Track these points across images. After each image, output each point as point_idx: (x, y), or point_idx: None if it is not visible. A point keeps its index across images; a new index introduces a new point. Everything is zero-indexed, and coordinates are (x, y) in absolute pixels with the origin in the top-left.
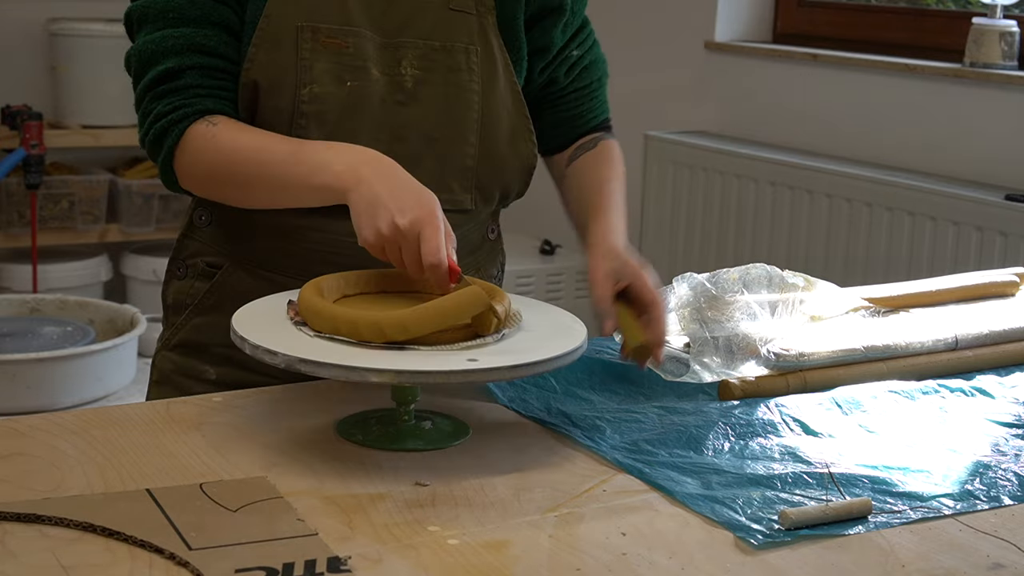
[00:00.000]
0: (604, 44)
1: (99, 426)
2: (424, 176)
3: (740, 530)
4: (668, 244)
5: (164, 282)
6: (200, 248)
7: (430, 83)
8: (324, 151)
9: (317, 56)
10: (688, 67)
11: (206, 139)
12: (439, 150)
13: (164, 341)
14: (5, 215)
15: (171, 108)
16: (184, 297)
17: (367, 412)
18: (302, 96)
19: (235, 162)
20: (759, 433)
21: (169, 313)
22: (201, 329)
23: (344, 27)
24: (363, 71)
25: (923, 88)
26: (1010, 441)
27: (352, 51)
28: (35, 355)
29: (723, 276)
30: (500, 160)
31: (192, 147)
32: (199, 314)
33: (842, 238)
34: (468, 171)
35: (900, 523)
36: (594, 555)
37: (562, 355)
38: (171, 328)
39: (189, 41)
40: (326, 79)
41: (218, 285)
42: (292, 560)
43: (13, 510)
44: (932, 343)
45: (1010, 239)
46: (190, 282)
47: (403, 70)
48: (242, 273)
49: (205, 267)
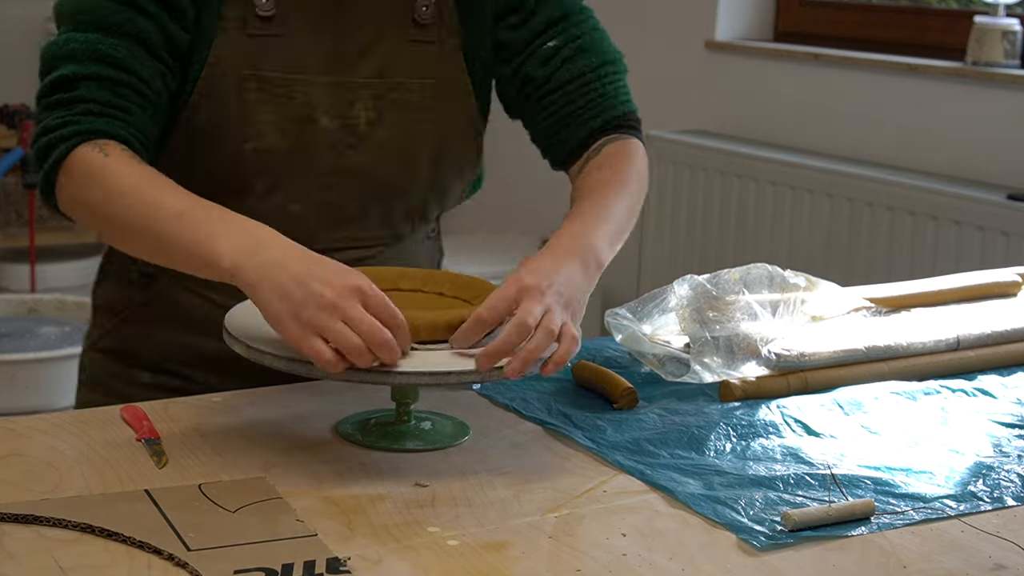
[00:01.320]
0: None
1: (97, 427)
2: (369, 220)
3: (743, 531)
4: (668, 244)
5: (96, 280)
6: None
7: (384, 124)
8: (217, 223)
9: (262, 107)
10: (689, 66)
11: (92, 169)
12: (388, 193)
13: (92, 341)
14: (3, 215)
15: (59, 123)
16: (114, 303)
17: (367, 413)
18: (244, 150)
19: (119, 206)
20: (761, 434)
21: (98, 313)
22: (132, 339)
23: (291, 75)
24: (309, 121)
25: (925, 87)
26: (1012, 442)
27: (300, 100)
28: (33, 355)
29: (724, 276)
30: (448, 190)
31: (77, 172)
32: (130, 324)
33: (843, 238)
34: (415, 208)
35: (902, 524)
36: (594, 556)
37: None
38: (99, 328)
39: (91, 48)
40: (270, 131)
41: (153, 299)
42: (291, 561)
43: (11, 511)
44: (934, 343)
45: (1012, 239)
46: (121, 288)
47: (356, 112)
48: (179, 288)
49: (139, 276)
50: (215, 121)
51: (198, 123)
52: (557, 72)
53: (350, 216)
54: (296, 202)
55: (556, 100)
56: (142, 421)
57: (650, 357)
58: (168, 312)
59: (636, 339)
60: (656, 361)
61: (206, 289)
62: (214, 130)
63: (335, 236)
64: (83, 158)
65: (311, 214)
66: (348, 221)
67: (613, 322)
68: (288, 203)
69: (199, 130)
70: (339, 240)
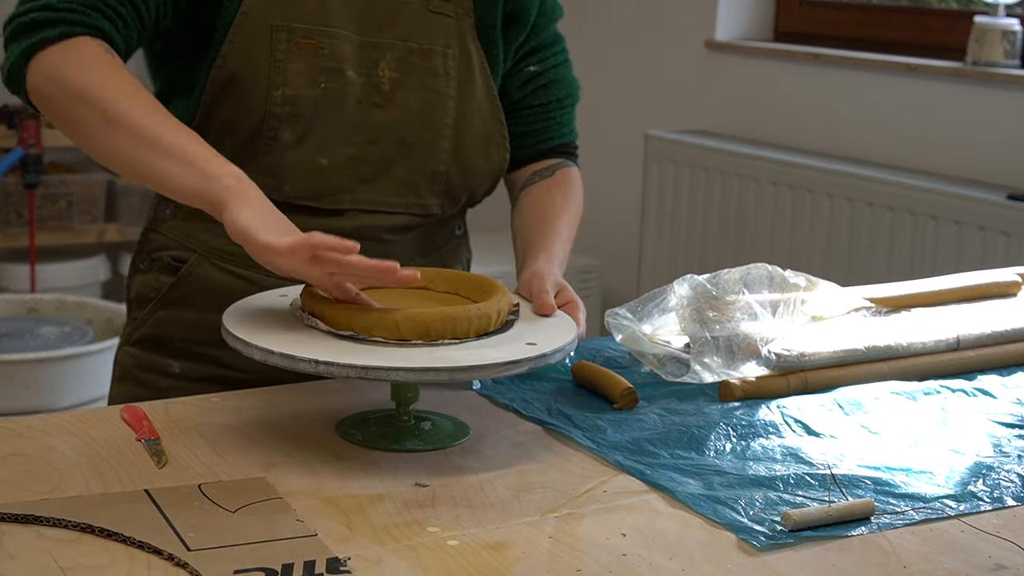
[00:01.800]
0: (604, 43)
1: (97, 426)
2: (393, 180)
3: (743, 531)
4: (668, 244)
5: (128, 276)
6: (165, 242)
7: (407, 86)
8: (219, 156)
9: (291, 56)
10: (689, 66)
11: (99, 58)
12: (411, 155)
13: (126, 336)
14: (3, 215)
15: (66, 6)
16: (147, 291)
17: (367, 412)
18: (274, 98)
19: (119, 99)
20: (761, 434)
21: (132, 308)
22: (164, 323)
23: (321, 27)
24: (338, 73)
25: (925, 87)
26: (1012, 442)
27: (327, 52)
28: (33, 355)
29: (724, 276)
30: (471, 166)
31: (78, 56)
32: (162, 308)
33: (843, 238)
34: (438, 176)
35: (902, 524)
36: (594, 556)
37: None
38: (133, 323)
39: None
40: (299, 81)
41: (183, 278)
42: (291, 561)
43: (11, 511)
44: (934, 343)
45: (1012, 239)
46: (154, 276)
47: (380, 72)
48: (208, 267)
49: (171, 261)
50: (246, 69)
51: (230, 71)
52: (530, 95)
53: (375, 174)
54: (324, 155)
55: (521, 117)
56: (142, 421)
57: (650, 357)
58: (199, 291)
59: (636, 339)
60: (656, 361)
61: (236, 265)
62: (245, 78)
63: (361, 196)
64: (89, 47)
65: (338, 169)
66: (373, 179)
67: (613, 322)
68: (317, 156)
69: (231, 78)
70: (365, 202)
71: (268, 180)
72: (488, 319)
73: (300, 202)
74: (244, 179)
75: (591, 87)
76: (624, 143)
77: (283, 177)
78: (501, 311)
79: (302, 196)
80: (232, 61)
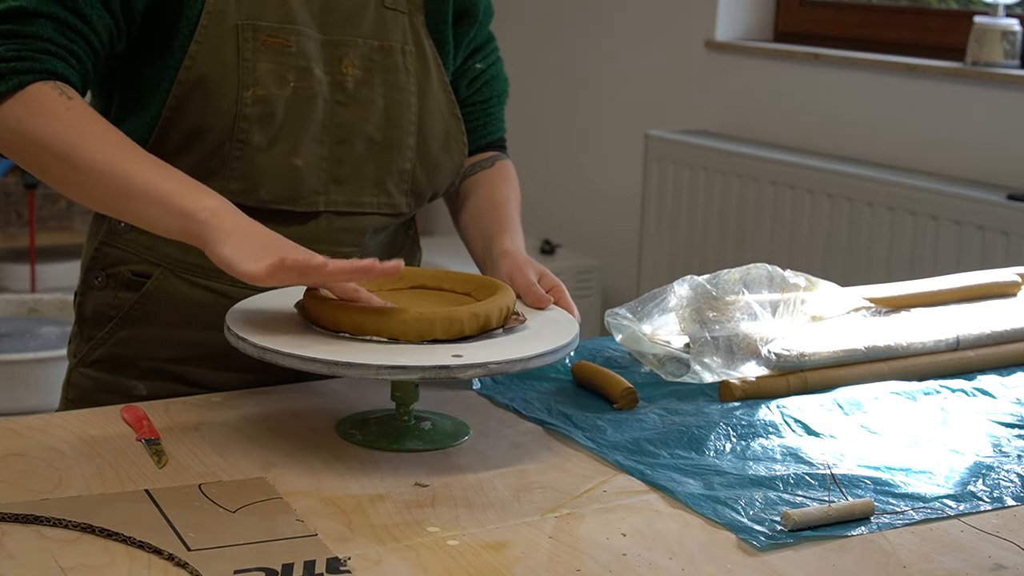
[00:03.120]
0: (604, 44)
1: (97, 426)
2: (364, 179)
3: (743, 531)
4: (668, 244)
5: (79, 293)
6: (123, 256)
7: (370, 84)
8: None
9: (260, 56)
10: (689, 66)
11: (54, 106)
12: (379, 153)
13: (80, 358)
14: (3, 215)
15: (15, 55)
16: (105, 309)
17: (367, 412)
18: (245, 99)
19: (83, 144)
20: (760, 434)
21: (86, 327)
22: (127, 342)
23: (286, 24)
24: (306, 71)
25: (925, 87)
26: (1012, 442)
27: (295, 50)
28: (33, 355)
29: (724, 276)
30: (435, 163)
31: (34, 106)
32: (125, 327)
33: (843, 238)
34: (405, 174)
35: (902, 524)
36: (594, 556)
37: (548, 352)
38: (89, 343)
39: None
40: (269, 80)
41: (148, 295)
42: (291, 561)
43: (11, 511)
44: (934, 343)
45: (1012, 239)
46: (112, 293)
47: (344, 69)
48: (175, 280)
49: (131, 276)
50: (216, 70)
51: (198, 73)
52: (475, 92)
53: (347, 175)
54: (298, 157)
55: (467, 114)
56: (142, 421)
57: (650, 357)
58: (165, 307)
59: (636, 339)
60: (656, 361)
61: (205, 278)
62: (214, 80)
63: (334, 198)
64: (43, 93)
65: (312, 170)
66: (345, 179)
67: (613, 322)
68: (291, 157)
69: (198, 80)
70: (339, 203)
71: (241, 185)
72: (489, 318)
73: (275, 206)
74: (218, 209)
75: (591, 87)
76: (624, 143)
77: (257, 181)
78: (502, 310)
79: (277, 200)
80: (201, 63)
